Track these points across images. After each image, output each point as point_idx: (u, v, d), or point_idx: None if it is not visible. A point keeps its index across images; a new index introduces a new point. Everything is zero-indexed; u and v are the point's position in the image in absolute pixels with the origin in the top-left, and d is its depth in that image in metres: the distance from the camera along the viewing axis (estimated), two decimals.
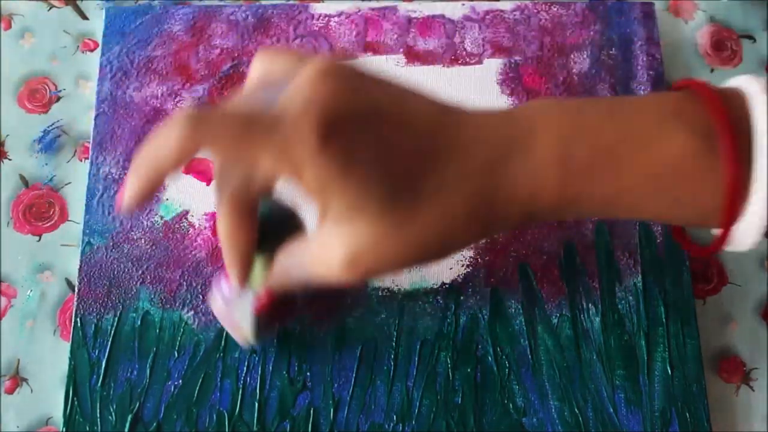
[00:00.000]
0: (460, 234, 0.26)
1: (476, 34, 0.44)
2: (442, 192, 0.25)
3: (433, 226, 0.26)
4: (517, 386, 0.37)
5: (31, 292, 0.39)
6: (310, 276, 0.28)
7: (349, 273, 0.26)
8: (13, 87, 0.43)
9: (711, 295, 0.40)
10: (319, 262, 0.27)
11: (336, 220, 0.25)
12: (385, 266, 0.26)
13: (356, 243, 0.25)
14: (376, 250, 0.26)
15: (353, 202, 0.25)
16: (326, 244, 0.26)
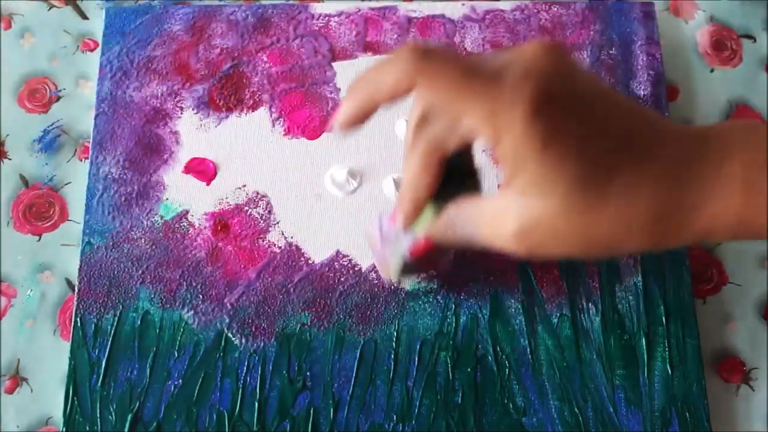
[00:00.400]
0: (633, 239, 0.26)
1: (476, 34, 0.44)
2: (630, 191, 0.26)
3: (611, 223, 0.26)
4: (517, 386, 0.37)
5: (31, 292, 0.39)
6: (474, 236, 0.28)
7: (517, 244, 0.27)
8: (13, 87, 0.43)
9: (711, 295, 0.40)
10: (490, 225, 0.27)
11: (520, 191, 0.26)
12: (552, 248, 0.27)
13: (533, 217, 0.26)
14: (550, 230, 0.26)
15: (544, 177, 0.25)
16: (503, 211, 0.27)
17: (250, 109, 0.42)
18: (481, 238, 0.28)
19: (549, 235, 0.26)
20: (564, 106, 0.25)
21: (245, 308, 0.38)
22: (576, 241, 0.26)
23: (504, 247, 0.27)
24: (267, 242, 0.39)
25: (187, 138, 0.41)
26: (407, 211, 0.31)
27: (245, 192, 0.40)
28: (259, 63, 0.43)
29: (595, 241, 0.26)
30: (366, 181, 0.41)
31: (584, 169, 0.25)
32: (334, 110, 0.42)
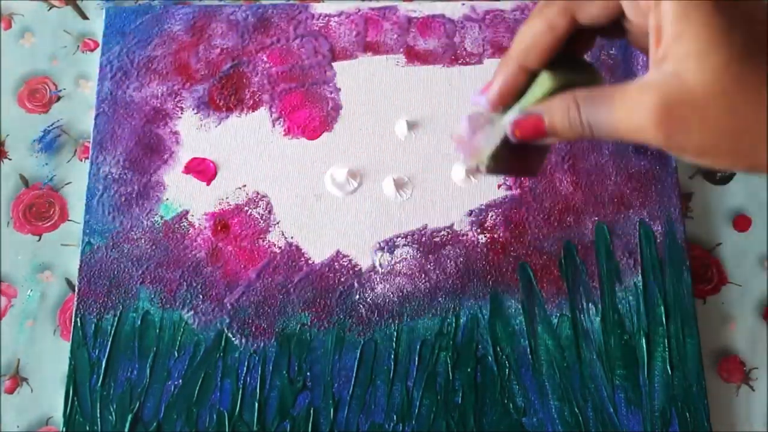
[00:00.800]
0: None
1: (476, 34, 0.44)
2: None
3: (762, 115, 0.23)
4: (517, 386, 0.37)
5: (31, 292, 0.39)
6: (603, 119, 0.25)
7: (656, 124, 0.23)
8: (13, 87, 0.43)
9: (711, 295, 0.40)
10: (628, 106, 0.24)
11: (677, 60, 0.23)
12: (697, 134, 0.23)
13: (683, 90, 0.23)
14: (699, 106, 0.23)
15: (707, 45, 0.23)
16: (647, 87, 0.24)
17: (250, 109, 0.42)
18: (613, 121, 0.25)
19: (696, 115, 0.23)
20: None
21: (245, 308, 0.38)
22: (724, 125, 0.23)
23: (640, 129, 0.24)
24: (267, 242, 0.39)
25: (187, 138, 0.41)
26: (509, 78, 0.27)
27: (245, 192, 0.40)
28: (259, 63, 0.43)
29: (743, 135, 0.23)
30: (366, 181, 0.41)
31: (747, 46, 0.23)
32: (334, 110, 0.42)
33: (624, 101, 0.24)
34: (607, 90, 0.25)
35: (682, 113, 0.23)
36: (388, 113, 0.42)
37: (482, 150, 0.28)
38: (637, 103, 0.24)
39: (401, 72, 0.43)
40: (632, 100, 0.24)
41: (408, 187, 0.40)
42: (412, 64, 0.43)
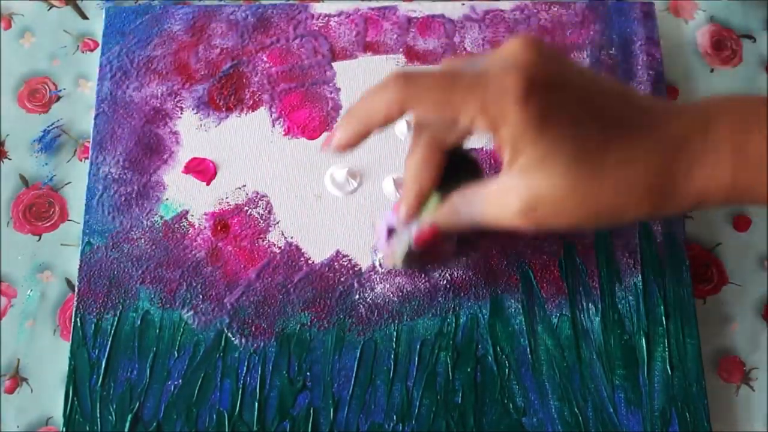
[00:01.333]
0: (632, 208, 0.28)
1: (476, 34, 0.44)
2: (626, 164, 0.27)
3: (611, 194, 0.28)
4: (517, 386, 0.37)
5: (31, 292, 0.39)
6: (480, 218, 0.30)
7: (523, 220, 0.29)
8: (13, 87, 0.43)
9: (711, 295, 0.40)
10: (496, 205, 0.29)
11: (522, 171, 0.28)
12: (557, 221, 0.28)
13: (536, 194, 0.28)
14: (553, 204, 0.28)
15: (543, 156, 0.27)
16: (507, 190, 0.29)
17: (250, 109, 0.42)
18: (488, 219, 0.30)
19: (553, 209, 0.28)
20: (552, 89, 0.27)
21: (245, 308, 0.38)
22: (579, 212, 0.28)
23: (511, 224, 0.29)
24: (267, 242, 0.39)
25: (187, 138, 0.41)
26: (411, 204, 0.33)
27: (245, 192, 0.40)
28: (259, 63, 0.43)
29: (596, 212, 0.28)
30: (366, 181, 0.41)
31: (580, 146, 0.27)
32: (334, 110, 0.42)
33: (491, 205, 0.30)
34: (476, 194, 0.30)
35: (541, 212, 0.28)
36: None
37: (395, 254, 0.35)
38: (502, 205, 0.29)
39: None
40: (498, 203, 0.29)
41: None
42: (412, 64, 0.43)
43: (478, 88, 0.27)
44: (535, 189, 0.28)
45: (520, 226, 0.29)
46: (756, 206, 0.41)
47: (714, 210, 0.41)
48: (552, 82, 0.27)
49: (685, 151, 0.28)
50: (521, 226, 0.29)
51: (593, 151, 0.27)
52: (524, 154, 0.27)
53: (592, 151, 0.27)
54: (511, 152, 0.28)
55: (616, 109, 0.28)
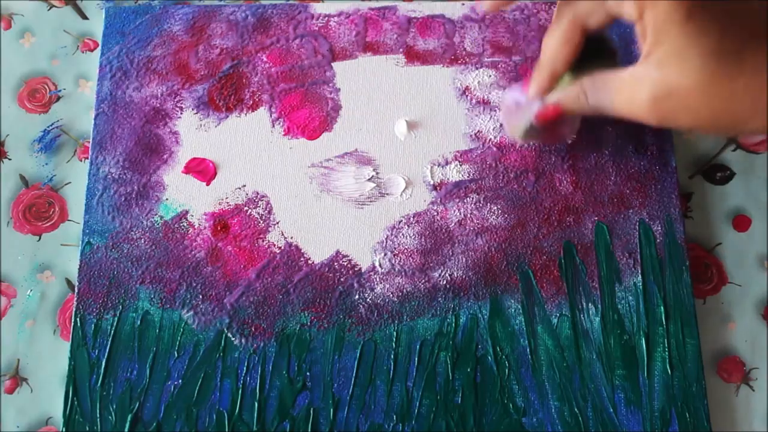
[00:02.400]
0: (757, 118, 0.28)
1: (476, 34, 0.44)
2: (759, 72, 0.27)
3: (740, 99, 0.28)
4: (517, 386, 0.37)
5: (31, 292, 0.39)
6: (607, 104, 0.31)
7: (650, 112, 0.29)
8: (13, 87, 0.43)
9: (711, 295, 0.40)
10: (625, 93, 0.30)
11: (659, 61, 0.28)
12: (683, 116, 0.29)
13: (669, 86, 0.28)
14: (683, 98, 0.28)
15: (684, 47, 0.28)
16: (639, 80, 0.29)
17: (249, 109, 0.42)
18: (614, 107, 0.31)
19: (681, 104, 0.28)
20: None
21: (245, 308, 0.38)
22: (706, 112, 0.28)
23: (636, 114, 0.30)
24: (267, 242, 0.39)
25: (186, 138, 0.41)
26: (543, 83, 0.34)
27: (245, 192, 0.40)
28: (258, 63, 0.43)
29: (723, 114, 0.28)
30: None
31: (720, 43, 0.27)
32: (334, 110, 0.42)
33: (621, 92, 0.30)
34: (607, 80, 0.31)
35: (669, 104, 0.29)
36: (388, 113, 0.42)
37: (518, 127, 0.37)
38: (631, 94, 0.30)
39: (401, 72, 0.43)
40: (628, 91, 0.30)
41: (408, 187, 0.40)
42: (412, 64, 0.43)
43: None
44: (669, 81, 0.28)
45: (646, 118, 0.29)
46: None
47: (713, 210, 0.41)
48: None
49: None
50: (647, 118, 0.29)
51: (731, 53, 0.27)
52: (665, 43, 0.28)
53: (731, 53, 0.27)
54: (653, 40, 0.28)
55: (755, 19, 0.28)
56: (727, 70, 0.28)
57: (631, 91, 0.30)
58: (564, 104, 0.34)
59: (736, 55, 0.28)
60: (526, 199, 0.40)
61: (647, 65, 0.29)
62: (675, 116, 0.29)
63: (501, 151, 0.41)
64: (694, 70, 0.28)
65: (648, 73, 0.29)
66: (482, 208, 0.40)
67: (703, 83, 0.28)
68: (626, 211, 0.40)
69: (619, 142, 0.41)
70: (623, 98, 0.30)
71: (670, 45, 0.28)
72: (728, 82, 0.28)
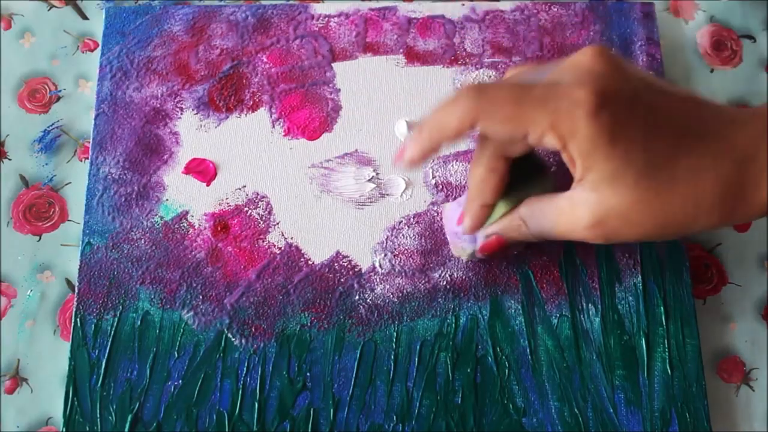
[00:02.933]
0: (702, 218, 0.28)
1: (476, 35, 0.44)
2: (695, 174, 0.28)
3: (681, 205, 0.28)
4: (517, 386, 0.37)
5: (31, 292, 0.39)
6: (549, 231, 0.31)
7: (593, 233, 0.29)
8: (13, 87, 0.43)
9: (711, 295, 0.40)
10: (566, 218, 0.30)
11: (593, 185, 0.28)
12: (627, 233, 0.29)
13: (607, 207, 0.28)
14: (623, 217, 0.28)
15: (614, 169, 0.27)
16: (578, 204, 0.29)
17: (250, 110, 0.42)
18: (558, 232, 0.31)
19: (623, 222, 0.28)
20: (622, 102, 0.27)
21: (245, 309, 0.38)
22: (649, 224, 0.28)
23: (580, 237, 0.30)
24: (267, 243, 0.39)
25: (187, 138, 0.41)
26: (475, 217, 0.33)
27: (245, 193, 0.40)
28: (259, 63, 0.43)
29: (666, 223, 0.28)
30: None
31: (650, 158, 0.27)
32: (334, 111, 0.42)
33: (561, 218, 0.30)
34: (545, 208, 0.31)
35: (611, 224, 0.28)
36: (388, 114, 0.42)
37: (463, 252, 0.37)
38: (571, 219, 0.29)
39: (401, 73, 0.43)
40: (567, 216, 0.30)
41: (408, 188, 0.40)
42: (412, 65, 0.43)
43: (549, 102, 0.27)
44: (606, 203, 0.28)
45: (592, 239, 0.29)
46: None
47: None
48: (622, 94, 0.27)
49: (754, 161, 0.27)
50: (592, 239, 0.29)
51: (663, 163, 0.27)
52: (594, 170, 0.27)
53: (662, 163, 0.27)
54: (582, 167, 0.28)
55: (684, 119, 0.28)
56: (662, 182, 0.27)
57: (570, 217, 0.29)
58: (505, 235, 0.34)
59: (668, 162, 0.27)
60: None
61: (582, 189, 0.29)
62: (619, 234, 0.29)
63: None
64: (629, 190, 0.27)
65: (584, 197, 0.29)
66: None
67: (641, 200, 0.28)
68: None
69: None
70: (564, 224, 0.30)
71: (600, 170, 0.27)
72: (666, 193, 0.28)
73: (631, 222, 0.28)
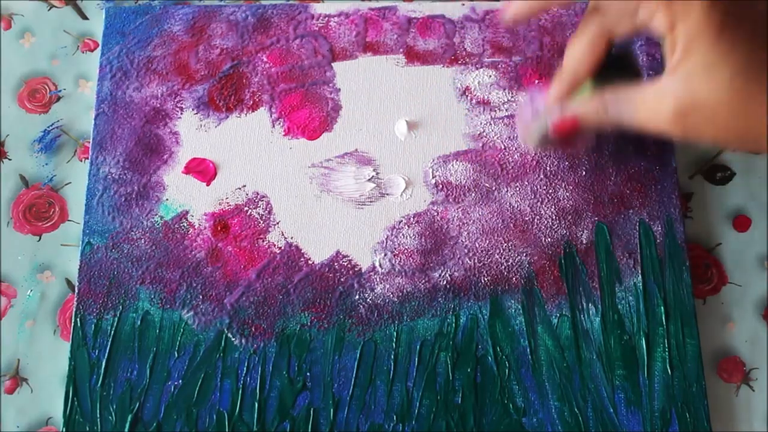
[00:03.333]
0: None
1: (476, 34, 0.44)
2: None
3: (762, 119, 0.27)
4: (517, 386, 0.37)
5: (31, 292, 0.39)
6: (629, 118, 0.31)
7: (674, 124, 0.29)
8: (13, 87, 0.43)
9: (711, 295, 0.40)
10: (649, 106, 0.30)
11: (687, 74, 0.28)
12: (708, 130, 0.28)
13: (695, 99, 0.28)
14: (709, 113, 0.28)
15: (713, 61, 0.27)
16: (665, 92, 0.29)
17: (250, 110, 0.42)
18: (637, 120, 0.30)
19: (707, 117, 0.28)
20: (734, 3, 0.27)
21: (245, 309, 0.38)
22: (731, 126, 0.28)
23: (659, 127, 0.29)
24: (267, 242, 0.39)
25: (187, 138, 0.41)
26: (563, 88, 0.33)
27: (245, 192, 0.40)
28: (259, 63, 0.43)
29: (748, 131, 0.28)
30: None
31: (751, 59, 0.27)
32: (334, 110, 0.42)
33: (644, 105, 0.30)
34: (630, 93, 0.30)
35: (694, 118, 0.28)
36: (388, 113, 0.42)
37: (532, 135, 0.36)
38: (656, 106, 0.29)
39: (401, 72, 0.43)
40: (652, 104, 0.29)
41: (408, 188, 0.40)
42: (412, 65, 0.43)
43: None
44: (696, 94, 0.28)
45: (670, 130, 0.29)
46: None
47: (713, 210, 0.41)
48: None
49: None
50: (671, 130, 0.29)
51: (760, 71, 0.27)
52: (694, 57, 0.27)
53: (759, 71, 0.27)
54: (682, 53, 0.28)
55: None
56: (755, 87, 0.27)
57: (655, 104, 0.29)
58: (583, 117, 0.33)
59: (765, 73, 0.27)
60: (526, 199, 0.40)
61: (674, 78, 0.29)
62: (699, 130, 0.29)
63: (501, 152, 0.41)
64: (723, 86, 0.27)
65: (674, 86, 0.29)
66: (482, 208, 0.40)
67: (731, 99, 0.27)
68: (626, 212, 0.40)
69: (619, 142, 0.41)
70: (647, 111, 0.30)
71: (699, 58, 0.28)
72: (756, 100, 0.27)
73: (714, 120, 0.28)
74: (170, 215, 0.40)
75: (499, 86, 0.42)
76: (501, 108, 0.42)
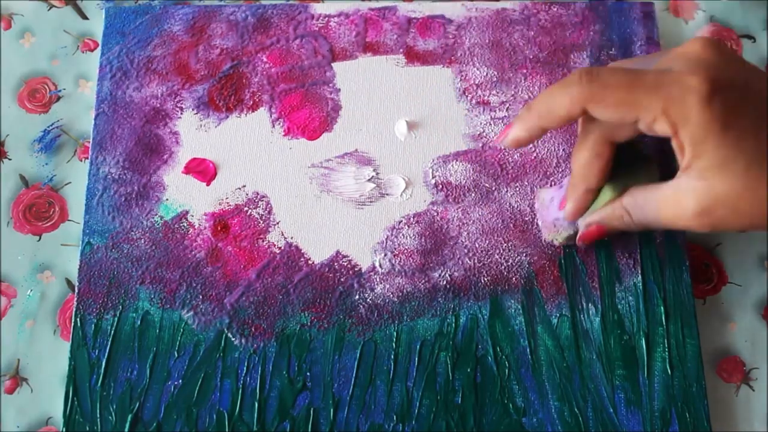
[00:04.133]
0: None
1: (476, 34, 0.44)
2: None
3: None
4: (517, 386, 0.37)
5: (31, 292, 0.39)
6: (653, 220, 0.31)
7: (699, 221, 0.29)
8: (13, 87, 0.43)
9: (711, 295, 0.40)
10: (672, 207, 0.30)
11: (700, 172, 0.28)
12: (733, 222, 0.29)
13: (714, 196, 0.28)
14: (731, 206, 0.28)
15: (724, 157, 0.27)
16: (684, 192, 0.29)
17: (249, 110, 0.42)
18: (662, 221, 0.31)
19: (730, 211, 0.28)
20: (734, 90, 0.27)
21: (245, 308, 0.38)
22: (757, 214, 0.28)
23: (685, 226, 0.30)
24: (267, 242, 0.39)
25: (187, 138, 0.41)
26: (578, 204, 0.33)
27: (245, 192, 0.40)
28: (258, 63, 0.43)
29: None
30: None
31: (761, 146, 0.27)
32: (334, 111, 0.42)
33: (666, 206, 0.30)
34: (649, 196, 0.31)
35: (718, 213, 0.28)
36: (388, 113, 0.42)
37: (559, 233, 0.37)
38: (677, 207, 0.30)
39: (401, 72, 0.43)
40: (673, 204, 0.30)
41: (408, 188, 0.40)
42: (412, 65, 0.43)
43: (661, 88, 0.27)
44: (714, 191, 0.28)
45: (696, 227, 0.29)
46: None
47: None
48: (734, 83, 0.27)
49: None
50: (697, 227, 0.29)
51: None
52: (704, 157, 0.27)
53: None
54: (692, 154, 0.28)
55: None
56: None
57: (676, 205, 0.30)
58: (608, 224, 0.34)
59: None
60: (526, 199, 0.40)
61: (689, 177, 0.29)
62: (726, 222, 0.29)
63: (501, 152, 0.41)
64: (738, 178, 0.28)
65: (692, 185, 0.29)
66: (482, 208, 0.40)
67: (750, 188, 0.28)
68: None
69: None
70: (669, 212, 0.30)
71: (711, 157, 0.28)
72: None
73: (738, 211, 0.28)
74: (170, 215, 0.40)
75: (499, 86, 0.42)
76: (501, 108, 0.42)
